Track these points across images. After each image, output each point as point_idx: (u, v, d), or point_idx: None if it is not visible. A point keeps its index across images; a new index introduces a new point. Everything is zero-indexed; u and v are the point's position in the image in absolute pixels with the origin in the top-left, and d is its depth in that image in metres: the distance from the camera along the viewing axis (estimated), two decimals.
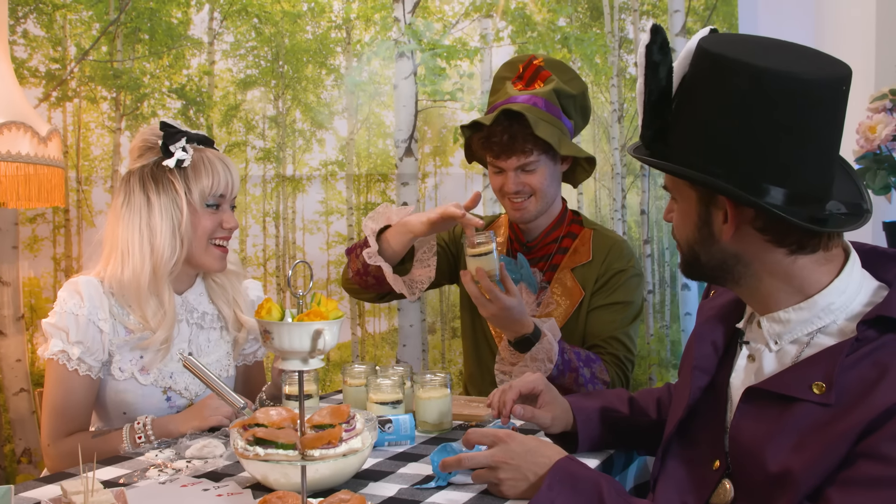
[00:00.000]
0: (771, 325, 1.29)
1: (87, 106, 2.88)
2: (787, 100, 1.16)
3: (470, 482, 1.44)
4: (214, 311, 2.04)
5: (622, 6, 3.12)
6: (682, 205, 1.31)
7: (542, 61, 2.23)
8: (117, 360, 1.89)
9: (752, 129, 1.19)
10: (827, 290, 1.24)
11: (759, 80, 1.16)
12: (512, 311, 1.96)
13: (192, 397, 1.96)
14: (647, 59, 1.24)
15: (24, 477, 2.77)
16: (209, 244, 1.93)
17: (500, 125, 2.12)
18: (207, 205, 1.91)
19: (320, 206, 3.02)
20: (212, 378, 1.74)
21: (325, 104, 3.01)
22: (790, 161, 1.19)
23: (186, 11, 2.94)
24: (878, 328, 1.19)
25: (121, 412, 1.91)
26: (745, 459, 1.26)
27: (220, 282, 2.05)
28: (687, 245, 1.32)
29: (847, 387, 1.17)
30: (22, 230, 2.85)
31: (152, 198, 1.88)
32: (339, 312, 1.23)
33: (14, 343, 2.79)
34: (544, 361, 2.01)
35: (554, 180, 2.22)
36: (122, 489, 1.34)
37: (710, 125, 1.21)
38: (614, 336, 2.17)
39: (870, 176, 2.24)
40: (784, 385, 1.23)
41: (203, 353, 2.00)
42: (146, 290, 1.87)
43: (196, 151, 1.91)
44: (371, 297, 2.30)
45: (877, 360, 1.17)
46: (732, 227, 1.24)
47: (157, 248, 1.87)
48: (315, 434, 1.26)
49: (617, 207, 3.18)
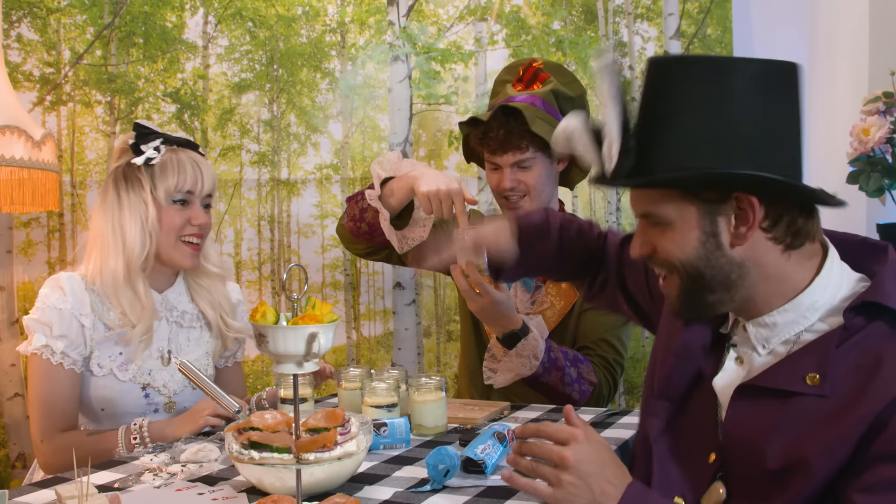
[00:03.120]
0: (758, 331, 1.28)
1: (81, 110, 2.88)
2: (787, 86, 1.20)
3: (466, 485, 1.43)
4: (195, 311, 2.06)
5: (616, 10, 3.12)
6: (678, 225, 1.24)
7: (542, 64, 2.25)
8: (96, 356, 1.91)
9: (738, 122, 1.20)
10: (810, 289, 1.24)
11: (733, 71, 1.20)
12: (500, 306, 1.97)
13: (170, 394, 1.97)
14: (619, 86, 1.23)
15: (18, 482, 2.76)
16: (178, 241, 1.96)
17: (497, 121, 2.13)
18: (174, 201, 1.94)
19: (315, 209, 3.02)
20: (206, 382, 1.74)
21: (320, 108, 3.01)
22: (777, 147, 1.21)
23: (181, 15, 2.94)
24: (865, 315, 1.19)
25: (99, 408, 1.93)
26: (740, 456, 1.25)
27: (203, 283, 2.07)
28: (689, 265, 1.25)
29: (842, 376, 1.17)
30: (16, 234, 2.84)
31: (122, 195, 1.93)
32: (333, 316, 1.23)
33: (8, 348, 2.78)
34: (529, 358, 2.02)
35: (549, 180, 2.22)
36: (117, 493, 1.34)
37: (698, 130, 1.20)
38: (604, 338, 2.17)
39: (863, 178, 2.25)
40: (776, 380, 1.22)
41: (183, 351, 2.02)
42: (122, 284, 1.90)
43: (170, 152, 1.95)
44: (360, 249, 2.30)
45: (868, 347, 1.17)
46: (755, 227, 1.21)
47: (128, 243, 1.91)
48: (310, 437, 1.26)
49: (612, 210, 3.18)
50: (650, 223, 1.29)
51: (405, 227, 2.19)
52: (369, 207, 2.15)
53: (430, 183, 2.05)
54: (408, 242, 2.19)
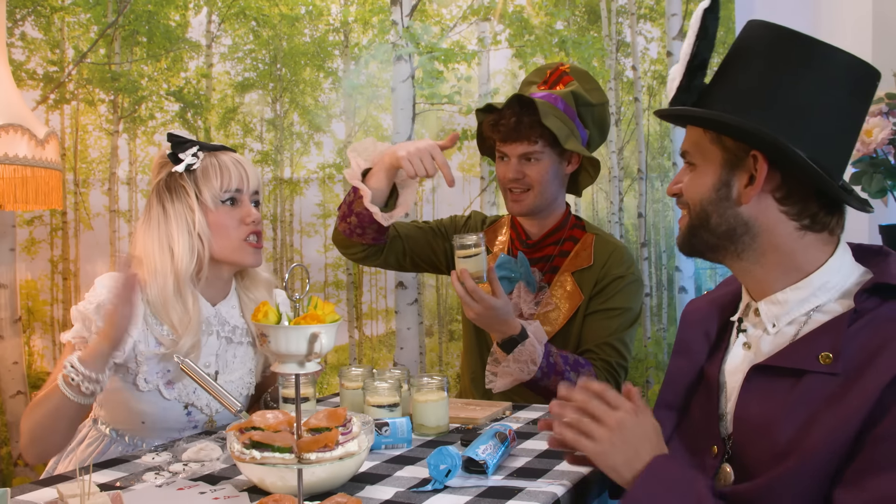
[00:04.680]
0: (769, 308, 1.31)
1: (84, 108, 2.89)
2: (857, 83, 1.24)
3: (467, 485, 1.44)
4: (244, 325, 2.02)
5: (620, 10, 3.12)
6: (701, 167, 1.32)
7: (569, 68, 2.27)
8: (144, 370, 1.86)
9: (804, 99, 1.24)
10: (823, 269, 1.27)
11: (822, 56, 1.24)
12: (497, 312, 1.97)
13: (212, 413, 1.94)
14: (701, 23, 1.27)
15: (20, 480, 2.77)
16: (242, 242, 1.92)
17: (511, 109, 2.14)
18: (222, 201, 1.90)
19: (318, 208, 3.02)
20: (207, 380, 1.74)
21: (323, 107, 3.02)
22: (829, 136, 1.24)
23: (184, 14, 2.94)
24: (876, 298, 1.22)
25: (139, 421, 1.89)
26: (751, 439, 1.27)
27: (252, 297, 2.03)
28: (700, 205, 1.31)
29: (852, 355, 1.19)
30: (19, 232, 2.85)
31: (167, 206, 1.89)
32: (335, 316, 1.23)
33: (11, 345, 2.79)
34: (527, 363, 2.02)
35: (556, 178, 2.22)
36: (119, 492, 1.34)
37: (758, 91, 1.26)
38: (608, 342, 2.17)
39: (866, 179, 2.24)
40: (790, 359, 1.25)
41: (228, 368, 1.98)
42: (171, 297, 1.86)
43: (209, 156, 1.92)
44: (357, 252, 2.27)
45: (878, 327, 1.20)
46: (758, 188, 1.25)
47: (177, 253, 1.87)
48: (312, 437, 1.26)
49: (614, 210, 3.18)
50: (686, 163, 1.36)
51: (393, 209, 2.19)
52: (355, 196, 2.13)
53: (409, 146, 2.09)
54: (393, 217, 2.17)
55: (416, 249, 2.34)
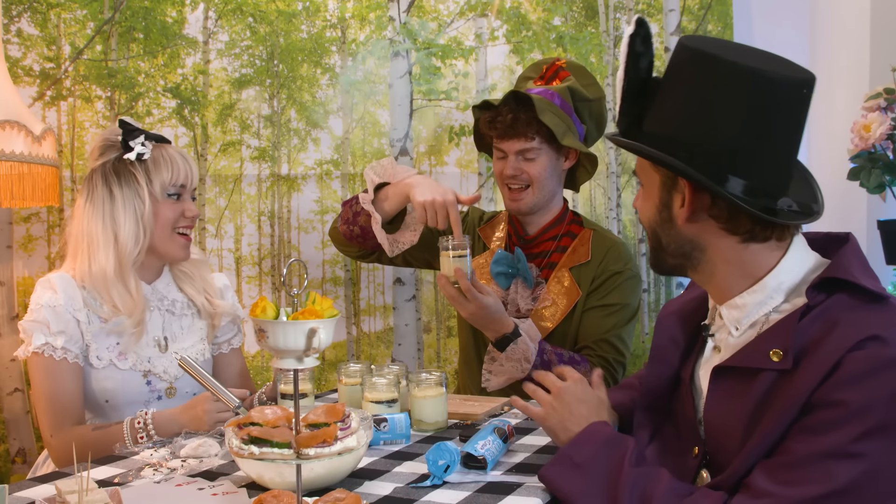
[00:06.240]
0: (730, 312, 1.34)
1: (81, 105, 2.88)
2: (755, 96, 1.22)
3: (466, 481, 1.44)
4: (184, 299, 2.10)
5: (617, 5, 3.12)
6: (648, 189, 1.36)
7: (565, 63, 2.27)
8: (94, 348, 1.93)
9: (718, 121, 1.24)
10: (775, 271, 1.30)
11: (731, 75, 1.22)
12: (489, 310, 1.98)
13: (171, 380, 2.00)
14: (629, 49, 1.30)
15: (18, 477, 2.76)
16: (173, 233, 2.00)
17: (507, 106, 2.14)
18: (168, 195, 1.99)
19: (315, 205, 3.02)
20: (206, 377, 1.74)
21: (320, 103, 3.01)
22: (750, 154, 1.24)
23: (181, 10, 2.93)
24: (827, 291, 1.24)
25: (103, 400, 1.94)
26: (718, 439, 1.31)
27: (186, 270, 2.10)
28: (650, 227, 1.37)
29: (801, 348, 1.22)
30: (16, 229, 2.84)
31: (115, 191, 1.96)
32: (333, 311, 1.23)
33: (8, 343, 2.78)
34: (520, 361, 2.02)
35: (554, 174, 2.22)
36: (117, 488, 1.34)
37: (681, 114, 1.27)
38: (605, 338, 2.17)
39: (864, 175, 2.24)
40: (745, 358, 1.28)
41: (177, 339, 2.05)
42: (113, 279, 1.93)
43: (155, 147, 1.99)
44: (353, 252, 2.34)
45: (826, 318, 1.22)
46: (688, 210, 1.29)
47: (122, 239, 1.94)
48: (310, 433, 1.26)
49: (612, 206, 3.18)
50: (639, 181, 1.42)
51: (397, 231, 2.22)
52: (362, 211, 2.18)
53: (426, 192, 2.08)
54: (398, 246, 2.23)
55: (413, 246, 2.35)
